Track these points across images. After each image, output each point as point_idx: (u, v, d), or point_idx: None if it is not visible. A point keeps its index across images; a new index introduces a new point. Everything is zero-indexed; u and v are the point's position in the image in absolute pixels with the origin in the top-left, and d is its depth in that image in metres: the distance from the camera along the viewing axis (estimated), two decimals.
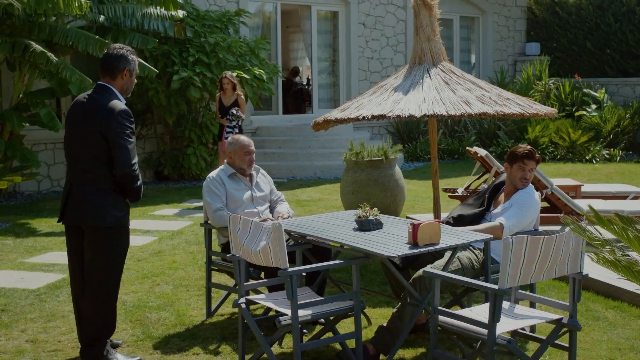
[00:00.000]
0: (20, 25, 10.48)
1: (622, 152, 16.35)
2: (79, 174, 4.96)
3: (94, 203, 4.90)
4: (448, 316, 4.56)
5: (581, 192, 9.44)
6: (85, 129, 4.89)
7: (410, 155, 16.41)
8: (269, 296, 5.22)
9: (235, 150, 6.15)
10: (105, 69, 5.01)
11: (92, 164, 4.90)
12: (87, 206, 4.91)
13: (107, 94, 4.96)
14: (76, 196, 4.95)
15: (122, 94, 5.06)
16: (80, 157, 4.95)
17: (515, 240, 4.14)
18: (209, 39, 12.69)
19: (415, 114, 7.02)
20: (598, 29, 19.51)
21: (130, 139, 4.90)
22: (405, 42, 18.10)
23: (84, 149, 4.92)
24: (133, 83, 5.15)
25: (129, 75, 5.05)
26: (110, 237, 4.97)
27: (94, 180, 4.91)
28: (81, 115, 4.95)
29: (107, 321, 5.07)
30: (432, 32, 7.63)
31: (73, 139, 4.99)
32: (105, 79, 5.02)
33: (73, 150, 5.00)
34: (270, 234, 4.60)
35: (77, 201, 4.95)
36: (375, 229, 5.31)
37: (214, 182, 6.07)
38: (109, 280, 5.03)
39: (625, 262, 3.00)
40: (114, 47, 5.08)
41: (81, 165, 4.95)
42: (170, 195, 12.05)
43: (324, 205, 10.87)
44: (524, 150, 5.60)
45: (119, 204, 4.97)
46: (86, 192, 4.91)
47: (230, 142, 6.26)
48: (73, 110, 5.04)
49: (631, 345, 5.36)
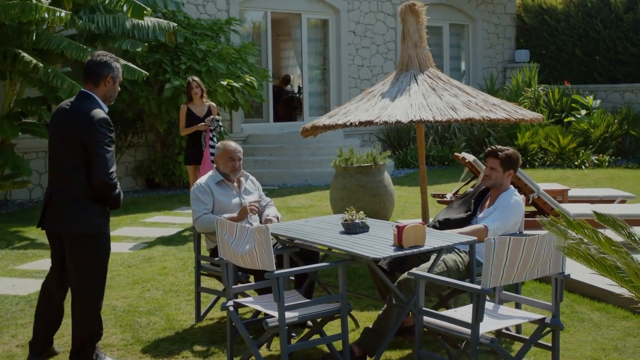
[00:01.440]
0: (11, 33, 10.52)
1: (611, 157, 16.45)
2: (59, 181, 4.98)
3: (73, 210, 4.90)
4: (433, 317, 4.63)
5: (568, 197, 9.52)
6: (65, 136, 4.91)
7: (400, 162, 16.49)
8: (257, 299, 5.28)
9: (219, 155, 6.20)
10: (88, 76, 5.01)
11: (71, 171, 4.91)
12: (65, 214, 4.93)
13: (89, 101, 4.97)
14: (55, 203, 4.97)
15: (105, 101, 5.07)
16: (60, 164, 4.97)
17: (497, 241, 4.21)
18: (200, 46, 12.76)
19: (402, 119, 7.09)
20: (587, 36, 19.65)
21: (109, 147, 4.89)
22: (395, 49, 18.19)
23: (63, 156, 4.94)
24: (116, 90, 5.14)
25: (112, 82, 5.05)
26: (91, 245, 4.98)
27: (73, 188, 4.92)
28: (62, 123, 4.97)
29: (92, 326, 5.10)
30: (419, 39, 7.71)
31: (55, 146, 5.02)
32: (88, 86, 5.03)
33: (54, 157, 5.03)
34: (257, 237, 4.66)
35: (56, 208, 4.97)
36: (361, 232, 5.38)
37: (200, 188, 6.11)
38: (93, 287, 5.05)
39: (598, 257, 3.07)
40: (98, 54, 5.07)
41: (61, 173, 4.97)
42: (161, 203, 12.10)
43: (313, 212, 10.93)
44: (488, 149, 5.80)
45: (97, 211, 4.98)
46: (65, 199, 4.92)
47: (217, 147, 6.31)
48: (55, 117, 5.07)
49: (615, 346, 5.43)
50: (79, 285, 5.02)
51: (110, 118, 5.00)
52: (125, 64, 10.69)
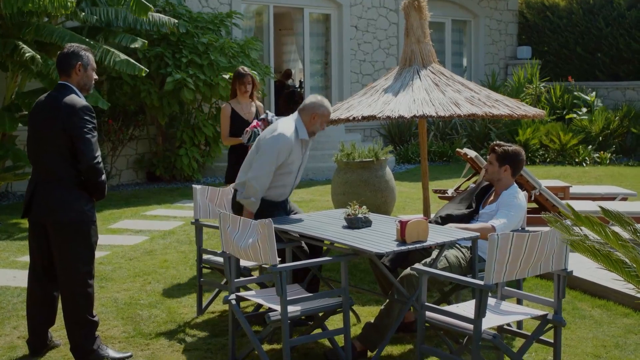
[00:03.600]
0: (12, 25, 10.50)
1: (612, 155, 16.44)
2: (44, 174, 5.05)
3: (59, 198, 4.98)
4: (435, 312, 4.63)
5: (569, 194, 9.52)
6: (48, 127, 4.99)
7: (401, 158, 16.48)
8: (259, 293, 5.28)
9: (324, 114, 5.78)
10: (60, 68, 5.14)
11: (56, 162, 4.99)
12: (52, 202, 4.99)
13: (67, 91, 5.06)
14: (41, 194, 5.03)
15: (81, 90, 5.16)
16: (45, 157, 5.04)
17: (500, 237, 4.20)
18: (202, 39, 12.76)
19: (405, 114, 7.10)
20: (589, 33, 19.64)
21: (93, 133, 5.00)
22: (397, 45, 18.18)
23: (48, 148, 5.01)
24: (90, 78, 5.21)
25: (82, 69, 5.14)
26: (77, 232, 5.04)
27: (59, 179, 4.99)
28: (43, 114, 5.06)
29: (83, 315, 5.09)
30: (422, 34, 7.71)
31: (37, 139, 5.09)
32: (62, 77, 5.14)
33: (37, 150, 5.09)
34: (260, 231, 4.66)
35: (42, 198, 5.03)
36: (364, 226, 5.38)
37: (289, 144, 5.68)
38: (80, 274, 5.07)
39: (605, 252, 3.07)
40: (66, 47, 5.19)
41: (46, 165, 5.04)
42: (162, 196, 12.09)
43: (315, 206, 10.93)
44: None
45: (82, 199, 5.04)
46: (51, 189, 5.00)
47: (322, 105, 5.78)
48: (35, 110, 5.14)
49: (616, 343, 5.44)
50: (67, 273, 5.06)
51: (112, 111, 5.08)
52: (126, 58, 10.68)
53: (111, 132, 12.83)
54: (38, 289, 5.25)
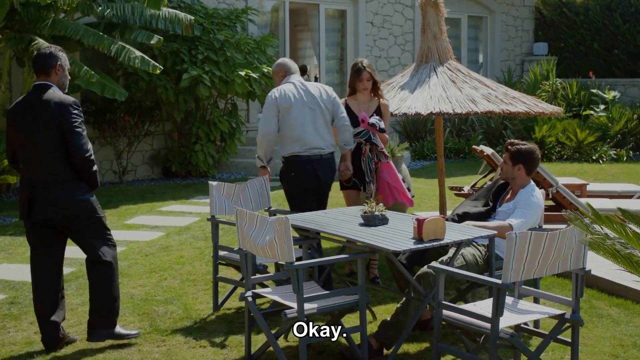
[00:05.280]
0: (28, 21, 10.54)
1: (628, 152, 16.33)
2: (41, 173, 5.18)
3: (65, 194, 5.16)
4: (452, 310, 4.61)
5: (587, 191, 9.46)
6: (40, 127, 5.13)
7: (417, 154, 16.44)
8: (275, 290, 5.28)
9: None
10: (39, 69, 5.27)
11: (52, 159, 5.14)
12: (59, 200, 5.16)
13: (52, 90, 5.21)
14: (44, 194, 5.16)
15: (61, 89, 5.30)
16: (40, 156, 5.16)
17: (519, 236, 4.18)
18: (218, 36, 12.77)
19: (422, 111, 7.08)
20: (606, 29, 19.52)
21: (83, 127, 5.21)
22: (412, 41, 18.14)
23: (43, 147, 5.14)
24: (67, 78, 5.39)
25: (62, 70, 5.29)
26: (91, 219, 5.28)
27: (58, 175, 5.16)
28: (34, 115, 5.16)
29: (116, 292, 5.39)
30: (439, 31, 7.68)
31: (26, 140, 5.19)
32: (41, 77, 5.27)
33: (28, 151, 5.20)
34: (277, 228, 4.65)
35: (47, 198, 5.16)
36: (381, 224, 5.35)
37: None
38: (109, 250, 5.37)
39: (625, 253, 3.04)
40: (43, 48, 5.35)
41: (42, 164, 5.16)
42: (178, 192, 12.11)
43: (330, 202, 10.88)
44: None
45: (85, 190, 5.27)
46: (54, 187, 5.15)
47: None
48: (21, 112, 5.23)
49: (634, 342, 5.40)
50: (96, 257, 5.30)
51: (128, 106, 5.32)
52: (141, 55, 10.71)
53: (127, 128, 12.85)
54: (42, 287, 5.34)
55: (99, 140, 12.87)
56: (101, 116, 12.65)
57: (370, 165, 6.68)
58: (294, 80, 6.51)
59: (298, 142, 6.36)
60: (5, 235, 8.90)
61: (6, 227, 9.43)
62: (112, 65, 12.63)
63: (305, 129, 6.36)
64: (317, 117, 6.43)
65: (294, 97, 6.37)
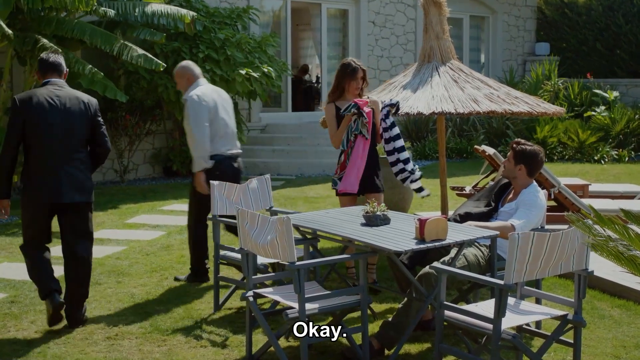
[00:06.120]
0: (31, 20, 10.53)
1: (631, 152, 16.30)
2: (71, 156, 5.65)
3: (87, 180, 5.73)
4: (454, 311, 4.59)
5: (589, 192, 9.44)
6: (76, 117, 5.68)
7: (418, 154, 16.42)
8: (276, 290, 5.26)
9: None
10: (55, 69, 5.83)
11: (81, 145, 5.73)
12: (83, 184, 5.69)
13: (70, 88, 5.84)
14: (72, 175, 5.63)
15: None
16: (72, 140, 5.67)
17: (521, 236, 4.16)
18: (219, 35, 12.75)
19: (424, 111, 7.06)
20: (608, 29, 19.50)
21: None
22: (414, 40, 18.11)
23: (75, 132, 5.68)
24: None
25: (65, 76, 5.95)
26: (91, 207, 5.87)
27: (83, 160, 5.72)
28: (71, 106, 5.68)
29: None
30: (441, 30, 7.66)
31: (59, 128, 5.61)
32: (54, 76, 5.80)
33: (59, 138, 5.62)
34: (278, 228, 4.63)
35: (75, 180, 5.64)
36: (383, 224, 5.34)
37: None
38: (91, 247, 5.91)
39: (629, 255, 3.02)
40: (52, 52, 5.98)
41: (72, 148, 5.67)
42: (179, 191, 12.09)
43: (331, 202, 10.90)
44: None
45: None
46: (80, 171, 5.68)
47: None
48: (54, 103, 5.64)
49: (636, 343, 5.38)
50: (89, 248, 5.84)
51: (130, 105, 5.89)
52: (144, 53, 10.70)
53: (128, 127, 12.84)
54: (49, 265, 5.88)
55: None
56: (102, 115, 12.57)
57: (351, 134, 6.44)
58: (206, 84, 6.96)
59: (221, 142, 6.78)
60: (5, 235, 8.89)
61: (7, 226, 9.42)
62: (114, 64, 12.61)
63: (227, 130, 6.84)
64: (232, 119, 6.98)
65: (214, 101, 6.79)
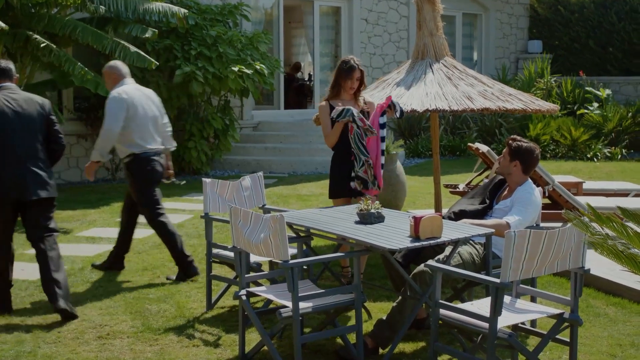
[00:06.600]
0: (22, 17, 10.45)
1: (624, 150, 16.30)
2: (33, 154, 5.92)
3: (50, 177, 6.01)
4: (449, 309, 4.55)
5: (582, 190, 9.42)
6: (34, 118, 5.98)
7: (411, 152, 16.39)
8: (270, 288, 5.21)
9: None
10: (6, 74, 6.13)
11: (41, 144, 6.00)
12: (47, 181, 5.96)
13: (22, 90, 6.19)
14: (36, 173, 5.91)
15: None
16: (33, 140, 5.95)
17: (517, 234, 4.12)
18: (211, 32, 12.68)
19: (418, 108, 7.02)
20: (601, 27, 19.50)
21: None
22: (407, 38, 18.08)
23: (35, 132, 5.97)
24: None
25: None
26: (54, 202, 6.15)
27: (43, 158, 6.00)
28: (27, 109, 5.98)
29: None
30: (434, 27, 7.62)
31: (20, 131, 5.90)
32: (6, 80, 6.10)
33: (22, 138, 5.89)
34: (271, 226, 4.58)
35: (38, 177, 5.92)
36: (377, 222, 5.29)
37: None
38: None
39: (628, 254, 2.98)
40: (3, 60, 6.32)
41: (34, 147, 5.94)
42: (171, 189, 11.98)
43: (324, 200, 10.85)
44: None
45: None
46: (42, 169, 5.95)
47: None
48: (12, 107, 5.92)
49: (632, 342, 5.35)
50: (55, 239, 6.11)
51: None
52: (136, 51, 10.62)
53: None
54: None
55: (92, 137, 12.77)
56: (94, 112, 12.56)
57: (362, 140, 6.23)
58: (132, 83, 7.13)
59: (146, 139, 7.01)
60: None
61: None
62: (105, 61, 12.51)
63: (147, 129, 7.03)
64: (157, 118, 7.17)
65: (135, 98, 6.97)
